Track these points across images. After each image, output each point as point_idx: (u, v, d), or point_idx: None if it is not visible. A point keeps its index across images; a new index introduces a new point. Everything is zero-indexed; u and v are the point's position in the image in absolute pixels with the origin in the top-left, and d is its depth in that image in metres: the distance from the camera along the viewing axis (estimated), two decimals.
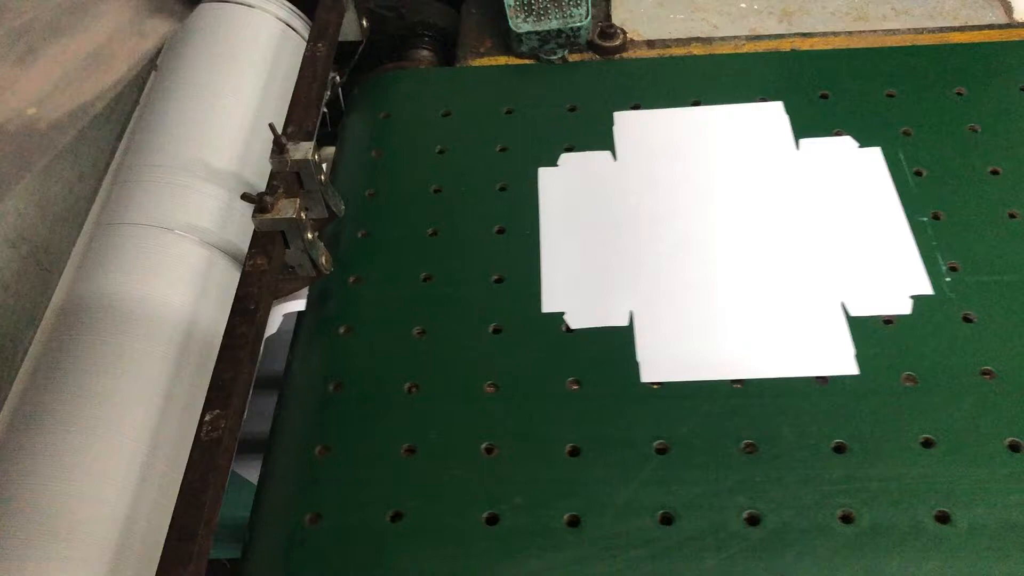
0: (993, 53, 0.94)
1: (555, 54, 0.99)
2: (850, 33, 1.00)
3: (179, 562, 0.58)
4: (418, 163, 0.91)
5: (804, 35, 1.00)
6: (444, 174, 0.90)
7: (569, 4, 0.98)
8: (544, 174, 0.88)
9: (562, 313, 0.78)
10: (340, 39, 0.99)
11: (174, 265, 0.78)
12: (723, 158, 0.87)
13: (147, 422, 0.70)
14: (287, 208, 0.74)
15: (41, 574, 0.62)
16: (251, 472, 0.78)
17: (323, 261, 0.79)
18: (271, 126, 0.77)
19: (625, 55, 1.00)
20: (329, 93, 0.97)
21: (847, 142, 0.87)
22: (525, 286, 0.80)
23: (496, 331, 0.77)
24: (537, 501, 0.67)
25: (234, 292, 0.72)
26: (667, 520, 0.66)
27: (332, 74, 0.98)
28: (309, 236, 0.76)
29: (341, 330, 0.79)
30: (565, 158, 0.89)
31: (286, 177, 0.77)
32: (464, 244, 0.84)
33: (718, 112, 0.91)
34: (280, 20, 1.00)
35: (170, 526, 0.60)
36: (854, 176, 0.85)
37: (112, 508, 0.66)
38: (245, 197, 0.75)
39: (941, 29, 0.99)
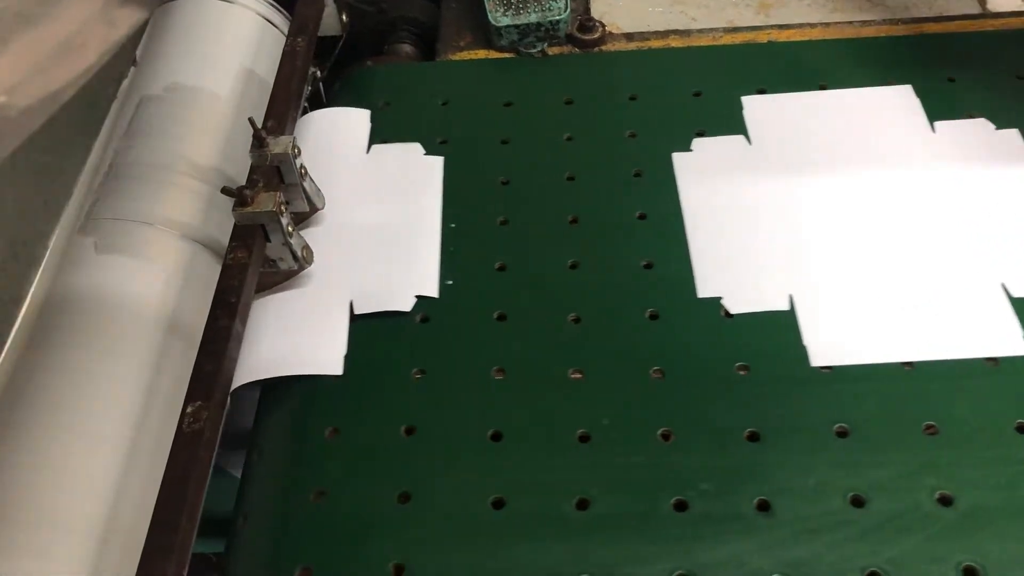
0: None
1: (534, 47, 1.00)
2: (827, 24, 1.00)
3: (162, 553, 0.58)
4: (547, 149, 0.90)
5: (781, 27, 1.00)
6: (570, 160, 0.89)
7: None
8: (679, 159, 0.87)
9: (719, 298, 0.77)
10: (320, 34, 0.99)
11: (157, 260, 0.78)
12: (859, 141, 0.86)
13: (130, 416, 0.69)
14: (267, 201, 0.74)
15: (24, 565, 0.62)
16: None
17: (303, 254, 0.78)
18: (251, 120, 0.77)
19: (604, 48, 1.01)
20: (310, 88, 0.98)
21: (984, 124, 0.87)
22: (676, 271, 0.79)
23: (653, 317, 0.76)
24: (723, 487, 0.66)
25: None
26: (858, 502, 0.65)
27: (312, 69, 0.98)
28: (289, 229, 0.76)
29: (419, 317, 0.78)
30: (699, 143, 0.88)
31: (266, 171, 0.78)
32: (607, 232, 0.83)
33: (848, 95, 0.90)
34: (260, 15, 1.00)
35: (152, 517, 0.59)
36: (994, 158, 0.84)
37: (96, 499, 0.65)
38: (225, 191, 0.75)
39: (916, 20, 0.99)
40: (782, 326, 0.75)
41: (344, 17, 1.05)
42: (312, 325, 0.78)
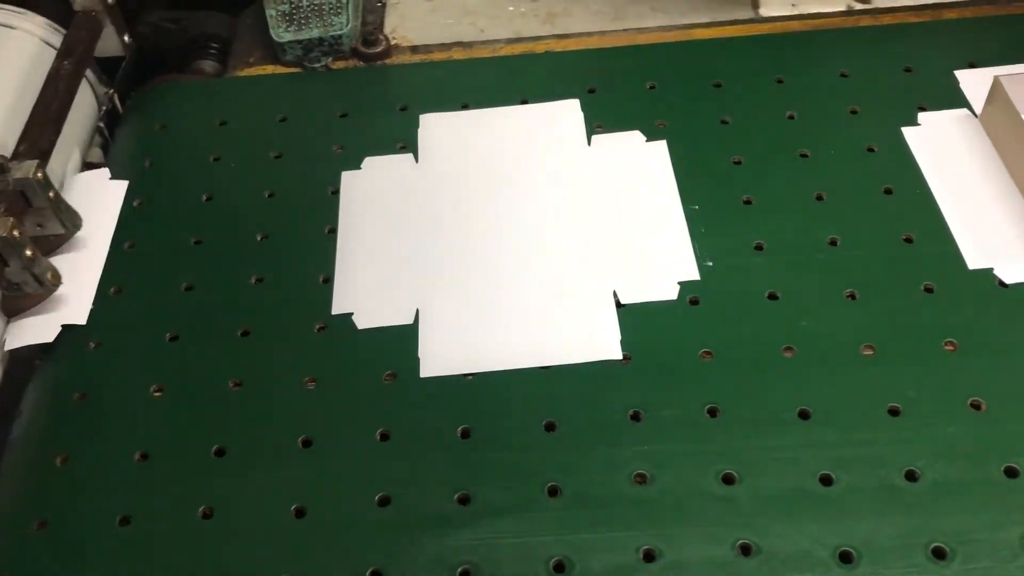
0: None
1: (319, 62, 1.01)
2: (603, 33, 1.02)
3: None
4: None
5: (560, 36, 1.02)
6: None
7: (330, 12, 1.00)
8: (909, 133, 0.88)
9: (990, 268, 0.77)
10: (102, 55, 1.01)
11: None
12: None
13: None
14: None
15: None
16: None
17: (49, 277, 0.80)
18: None
19: (388, 61, 1.02)
20: (105, 107, 1.01)
21: None
22: (938, 245, 0.80)
23: (928, 290, 0.77)
24: None
25: None
26: None
27: (107, 90, 1.00)
28: (29, 253, 0.77)
29: (688, 300, 0.78)
30: (924, 117, 0.89)
31: (9, 196, 0.78)
32: (856, 208, 0.83)
33: None
34: (42, 40, 0.97)
35: None
36: None
37: None
38: None
39: (691, 25, 1.02)
40: None
41: (126, 38, 1.04)
42: (581, 315, 0.78)
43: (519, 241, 0.83)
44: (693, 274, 0.79)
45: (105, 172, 0.94)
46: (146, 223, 0.89)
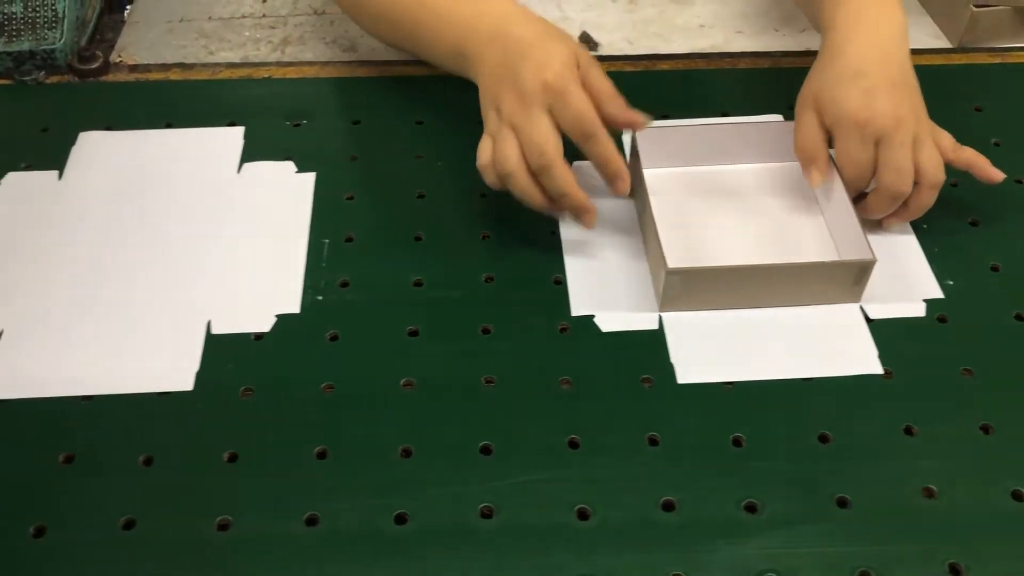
0: None
1: (30, 75, 1.01)
2: (324, 63, 1.03)
3: None
4: None
5: (287, 64, 1.03)
6: None
7: (44, 26, 1.00)
8: None
9: None
10: None
11: None
12: None
13: None
14: None
15: None
16: None
17: None
18: None
19: (105, 78, 1.02)
20: None
21: None
22: None
23: None
24: None
25: None
26: None
27: None
28: None
29: (936, 317, 0.79)
30: None
31: None
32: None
33: None
34: None
35: None
36: None
37: None
38: None
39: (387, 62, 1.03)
40: None
41: None
42: (832, 327, 0.78)
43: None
44: (936, 292, 0.80)
45: (290, 165, 0.92)
46: None
